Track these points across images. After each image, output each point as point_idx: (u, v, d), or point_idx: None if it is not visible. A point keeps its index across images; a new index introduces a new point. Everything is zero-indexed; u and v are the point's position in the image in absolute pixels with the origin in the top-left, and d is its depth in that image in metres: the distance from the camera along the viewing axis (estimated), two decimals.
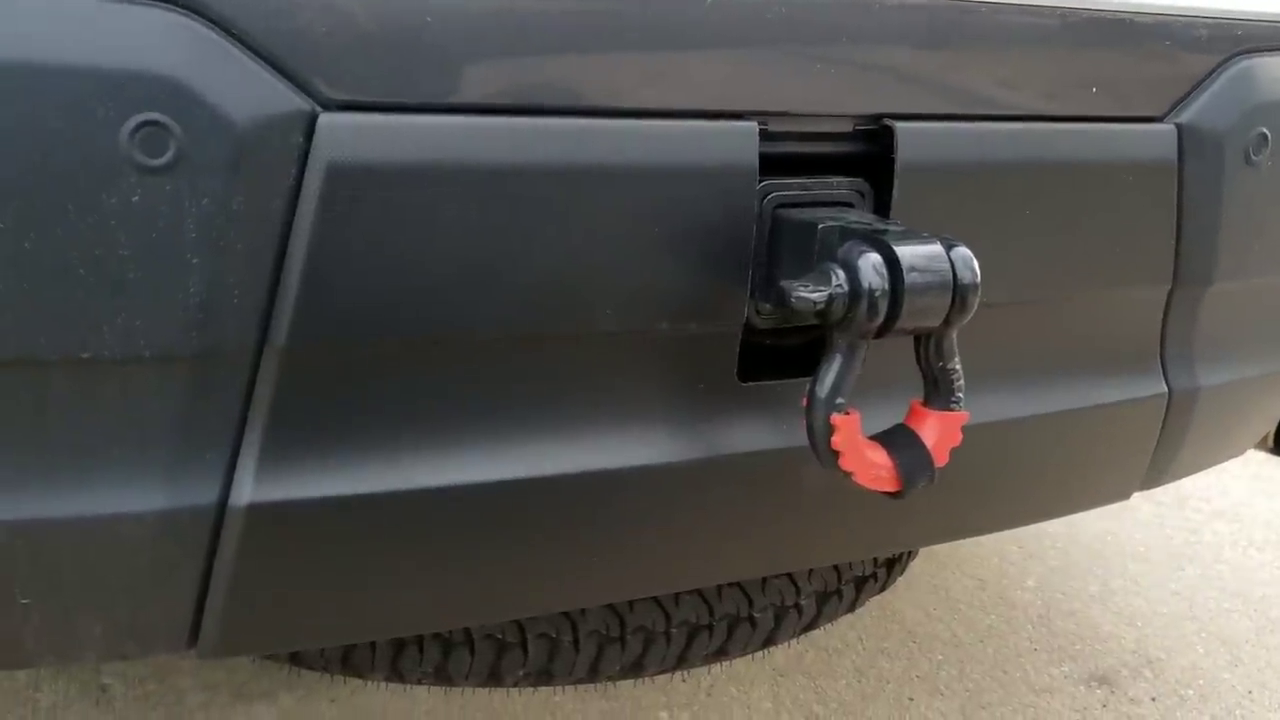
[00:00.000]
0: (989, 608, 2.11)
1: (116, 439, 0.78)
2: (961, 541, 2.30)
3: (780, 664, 1.87)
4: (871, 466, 0.89)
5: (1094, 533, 2.42)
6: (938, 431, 0.90)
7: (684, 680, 1.79)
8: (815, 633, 1.92)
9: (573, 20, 0.83)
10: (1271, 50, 1.12)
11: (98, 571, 0.81)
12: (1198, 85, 1.09)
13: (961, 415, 0.91)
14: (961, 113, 0.99)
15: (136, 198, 0.72)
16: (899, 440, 0.90)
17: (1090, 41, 1.03)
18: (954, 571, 2.22)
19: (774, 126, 0.91)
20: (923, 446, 0.90)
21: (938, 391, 0.91)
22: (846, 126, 0.95)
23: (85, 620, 0.83)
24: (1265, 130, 1.11)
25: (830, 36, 0.92)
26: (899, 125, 0.94)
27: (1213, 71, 1.09)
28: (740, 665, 1.84)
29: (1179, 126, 1.08)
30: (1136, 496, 1.30)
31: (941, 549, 2.29)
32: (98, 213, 0.72)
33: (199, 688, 1.73)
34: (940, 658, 1.93)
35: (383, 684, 1.68)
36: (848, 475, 0.89)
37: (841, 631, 1.98)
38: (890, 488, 0.90)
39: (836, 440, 0.87)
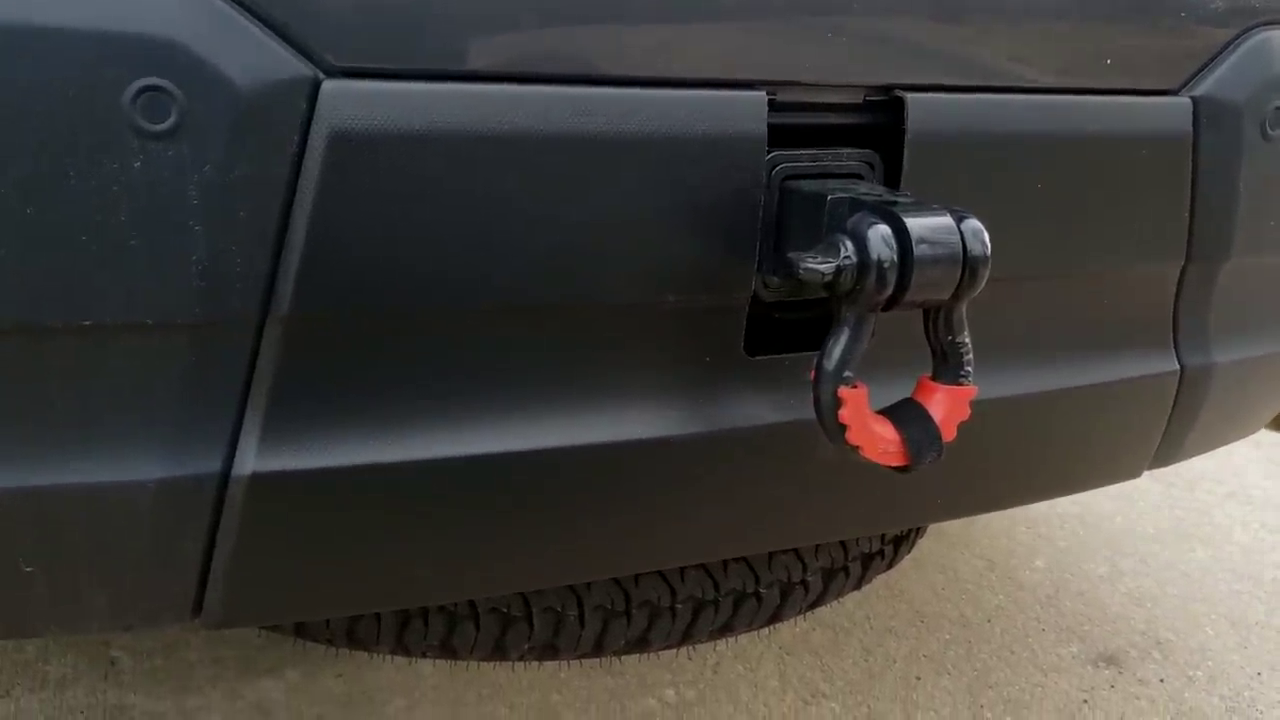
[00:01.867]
0: (997, 587, 2.10)
1: (119, 407, 0.77)
2: (970, 521, 2.30)
3: (787, 642, 1.87)
4: (879, 441, 0.88)
5: (1104, 513, 2.41)
6: (946, 406, 0.89)
7: (690, 658, 1.79)
8: (822, 611, 1.92)
9: None
10: None
11: (101, 540, 0.81)
12: (1214, 58, 1.08)
13: (970, 390, 0.90)
14: (973, 84, 0.98)
15: (138, 163, 0.71)
16: (907, 415, 0.90)
17: (1105, 13, 1.02)
18: (962, 551, 2.22)
19: (783, 97, 0.90)
20: (930, 421, 0.89)
21: (946, 365, 0.90)
22: (857, 97, 0.94)
23: (89, 590, 0.83)
24: None
25: (841, 6, 0.91)
26: (910, 96, 0.93)
27: (1229, 44, 1.08)
28: (747, 643, 1.84)
29: (1194, 100, 1.07)
30: (1147, 477, 1.29)
31: (950, 528, 2.28)
32: (100, 178, 0.71)
33: (207, 662, 1.73)
34: (948, 637, 1.93)
35: (389, 659, 1.69)
36: (855, 449, 0.88)
37: (849, 610, 1.98)
38: (897, 462, 0.89)
39: (843, 414, 0.87)
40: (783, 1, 0.88)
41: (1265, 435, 2.83)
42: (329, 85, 0.75)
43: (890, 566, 1.49)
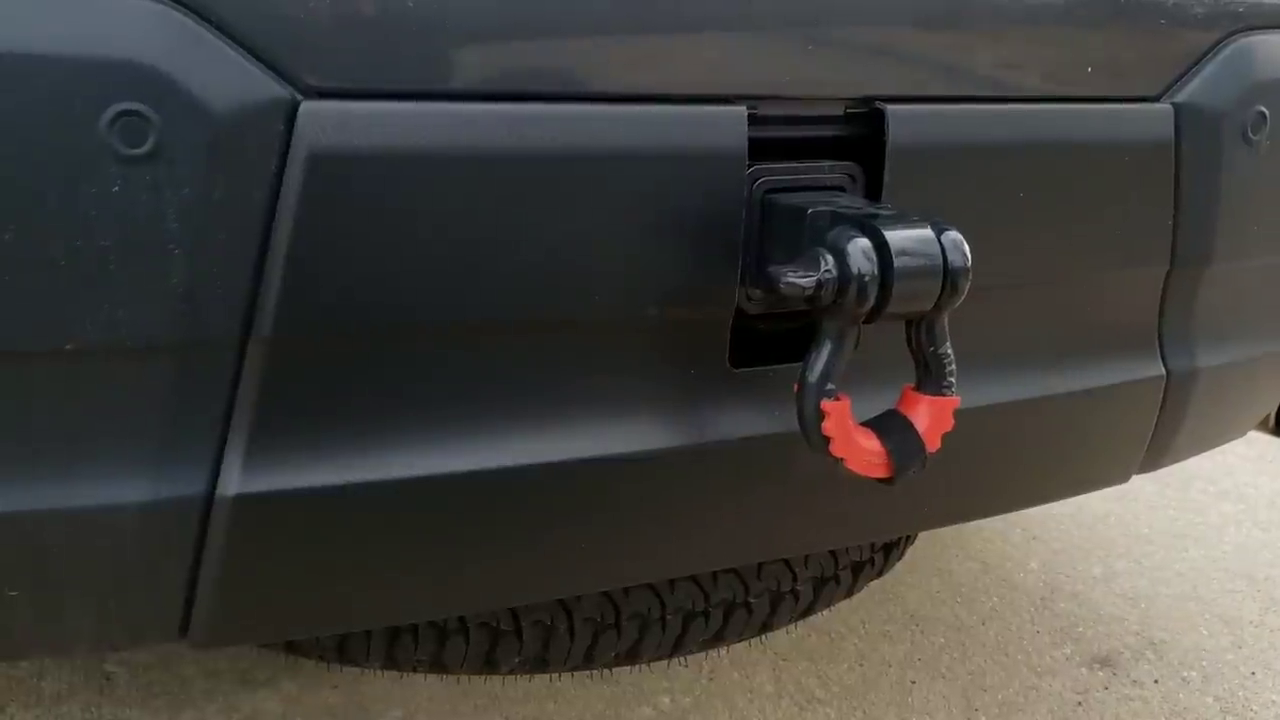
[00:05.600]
0: (991, 590, 2.10)
1: (101, 431, 0.77)
2: (964, 524, 2.30)
3: (782, 648, 1.87)
4: (862, 453, 0.88)
5: (1097, 514, 2.41)
6: (929, 417, 0.90)
7: (684, 665, 1.79)
8: (817, 616, 1.92)
9: (559, 4, 0.82)
10: (1269, 28, 1.10)
11: (85, 564, 0.81)
12: (1195, 64, 1.08)
13: (953, 400, 0.90)
14: (954, 94, 0.98)
15: (116, 188, 0.71)
16: (890, 426, 0.90)
17: (1086, 20, 1.02)
18: (956, 554, 2.22)
19: (763, 110, 0.90)
20: (914, 432, 0.89)
21: (929, 376, 0.90)
22: (837, 109, 0.94)
23: (74, 612, 0.83)
24: (1263, 109, 1.09)
25: (820, 18, 0.91)
26: (890, 108, 0.93)
27: (1210, 50, 1.08)
28: (742, 649, 1.84)
29: (1176, 106, 1.07)
30: (1141, 478, 1.29)
31: (944, 531, 2.28)
32: (78, 203, 0.71)
33: (203, 675, 1.73)
34: (942, 640, 1.93)
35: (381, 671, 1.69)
36: (839, 461, 0.88)
37: (844, 615, 1.98)
38: (881, 474, 0.89)
39: (827, 426, 0.87)
40: (761, 15, 0.88)
41: (1259, 435, 2.84)
42: (307, 106, 0.75)
43: (881, 574, 1.49)
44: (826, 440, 0.87)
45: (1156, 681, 1.86)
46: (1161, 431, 1.21)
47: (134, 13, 0.71)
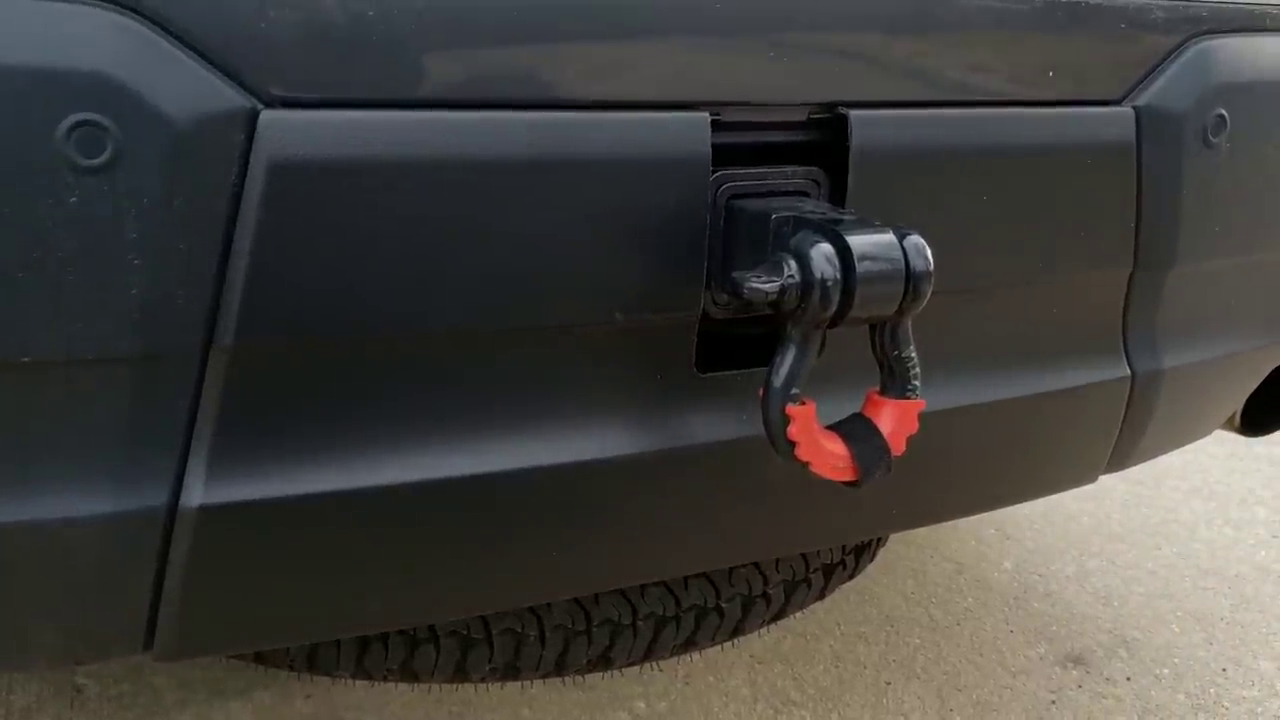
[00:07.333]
0: (965, 590, 2.11)
1: (62, 442, 0.77)
2: (938, 525, 2.31)
3: (757, 651, 1.87)
4: (828, 456, 0.89)
5: (1070, 513, 2.42)
6: (894, 420, 0.90)
7: (660, 669, 1.79)
8: (792, 619, 1.93)
9: (519, 11, 0.82)
10: (1228, 32, 1.11)
11: (47, 577, 0.80)
12: (1155, 68, 1.09)
13: (918, 404, 0.91)
14: (917, 99, 0.98)
15: (74, 198, 0.71)
16: (855, 430, 0.90)
17: (1047, 25, 1.03)
18: (931, 554, 2.23)
19: (726, 116, 0.90)
20: (879, 436, 0.90)
21: (893, 380, 0.90)
22: (800, 115, 0.95)
23: (36, 626, 0.82)
24: (1223, 112, 1.10)
25: (782, 23, 0.91)
26: (853, 113, 0.94)
27: (1170, 54, 1.09)
28: (717, 653, 1.84)
29: (1137, 109, 1.08)
30: (1112, 476, 1.30)
31: (919, 532, 2.29)
32: (35, 214, 0.71)
33: (175, 686, 1.72)
34: (917, 641, 1.94)
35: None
36: (805, 465, 0.89)
37: (818, 617, 1.98)
38: (847, 478, 0.89)
39: (792, 431, 0.87)
40: (724, 22, 0.88)
41: (1227, 433, 2.86)
42: (267, 115, 0.75)
43: (852, 577, 1.49)
44: (792, 445, 0.88)
45: (1129, 679, 1.87)
46: (1127, 432, 1.22)
47: (91, 22, 0.71)
